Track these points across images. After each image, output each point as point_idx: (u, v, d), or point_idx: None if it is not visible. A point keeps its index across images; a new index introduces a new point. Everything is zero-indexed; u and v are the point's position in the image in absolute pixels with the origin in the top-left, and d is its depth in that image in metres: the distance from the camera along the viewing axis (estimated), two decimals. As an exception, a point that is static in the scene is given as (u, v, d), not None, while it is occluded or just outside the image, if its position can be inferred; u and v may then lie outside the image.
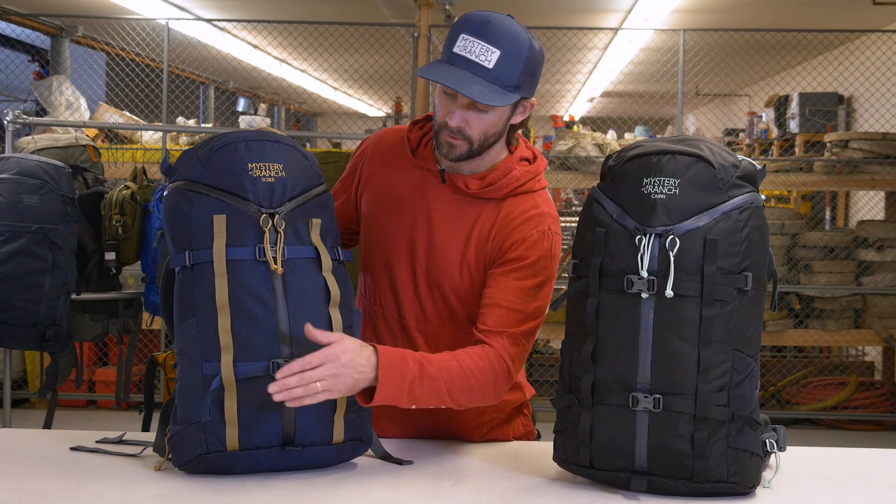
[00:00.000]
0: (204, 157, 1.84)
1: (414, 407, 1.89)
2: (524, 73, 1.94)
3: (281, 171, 1.85)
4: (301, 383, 1.74)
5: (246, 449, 1.78)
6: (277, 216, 1.82)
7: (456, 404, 1.93)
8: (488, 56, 1.91)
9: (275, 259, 1.80)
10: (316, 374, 1.75)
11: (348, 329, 1.88)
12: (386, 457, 1.94)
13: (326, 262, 1.86)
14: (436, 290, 2.07)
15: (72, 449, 1.96)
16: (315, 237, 1.87)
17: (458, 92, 1.91)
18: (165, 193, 1.87)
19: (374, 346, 1.84)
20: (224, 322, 1.77)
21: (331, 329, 1.83)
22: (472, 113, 1.96)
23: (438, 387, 1.89)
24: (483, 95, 1.90)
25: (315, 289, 1.85)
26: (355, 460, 1.92)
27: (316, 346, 1.79)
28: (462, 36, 1.93)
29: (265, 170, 1.84)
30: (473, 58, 1.91)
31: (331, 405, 1.83)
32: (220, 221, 1.80)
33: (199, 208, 1.82)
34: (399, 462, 1.93)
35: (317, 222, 1.88)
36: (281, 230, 1.82)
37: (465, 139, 1.98)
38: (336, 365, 1.77)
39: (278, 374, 1.75)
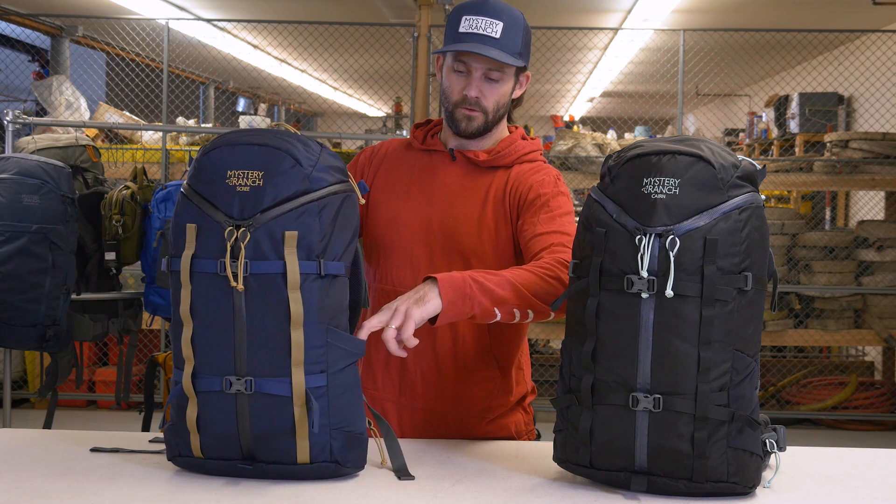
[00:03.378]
0: (196, 159, 1.80)
1: (489, 306, 1.89)
2: (523, 42, 2.16)
3: (259, 180, 1.72)
4: (390, 336, 1.83)
5: (210, 458, 1.78)
6: (243, 229, 1.71)
7: (532, 293, 1.93)
8: (494, 28, 2.11)
9: (235, 276, 1.70)
10: (394, 320, 1.83)
11: (319, 348, 1.74)
12: (400, 470, 1.84)
13: (293, 278, 1.70)
14: (455, 258, 2.15)
15: (92, 450, 1.96)
16: (288, 251, 1.71)
17: (480, 54, 2.09)
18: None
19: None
20: (186, 333, 1.75)
21: (290, 349, 1.72)
22: (486, 84, 2.16)
23: (501, 280, 1.92)
24: (502, 56, 2.10)
25: (278, 307, 1.71)
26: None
27: (268, 364, 1.73)
28: (464, 17, 2.12)
29: (242, 178, 1.73)
30: (481, 31, 2.11)
31: (287, 425, 1.73)
32: (191, 231, 1.74)
33: (181, 214, 1.77)
34: (398, 477, 1.83)
35: (292, 235, 1.71)
36: (243, 244, 1.70)
37: (482, 110, 2.17)
38: (391, 308, 1.84)
39: (387, 341, 1.82)
